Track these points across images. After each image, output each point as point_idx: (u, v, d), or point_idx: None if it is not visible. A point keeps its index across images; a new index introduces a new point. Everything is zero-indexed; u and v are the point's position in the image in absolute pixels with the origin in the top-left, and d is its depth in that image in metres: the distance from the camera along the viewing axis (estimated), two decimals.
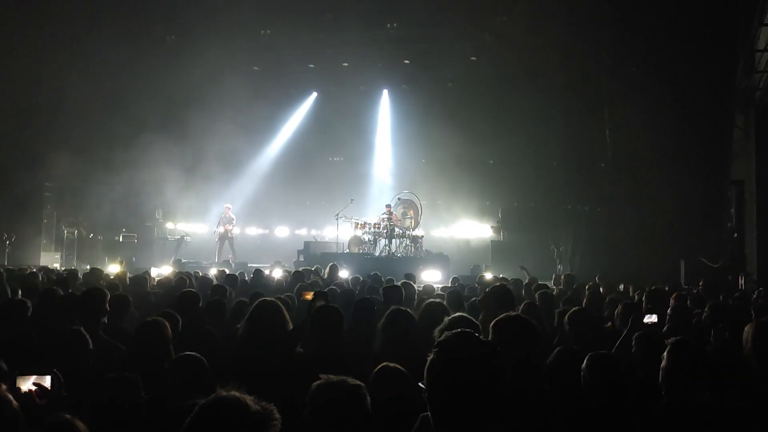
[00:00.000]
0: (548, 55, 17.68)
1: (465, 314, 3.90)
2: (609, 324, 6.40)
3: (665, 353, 3.42)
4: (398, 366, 3.37)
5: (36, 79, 17.82)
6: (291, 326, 4.37)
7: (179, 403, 3.13)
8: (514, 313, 3.22)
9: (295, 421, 2.84)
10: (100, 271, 10.81)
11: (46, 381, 2.86)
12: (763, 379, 3.94)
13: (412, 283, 8.59)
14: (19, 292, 7.13)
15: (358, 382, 2.64)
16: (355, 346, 4.63)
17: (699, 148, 14.85)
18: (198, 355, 3.70)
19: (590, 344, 4.38)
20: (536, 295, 6.72)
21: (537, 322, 5.15)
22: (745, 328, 4.28)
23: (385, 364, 3.39)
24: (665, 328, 5.46)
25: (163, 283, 9.68)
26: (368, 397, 2.60)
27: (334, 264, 11.85)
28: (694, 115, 14.64)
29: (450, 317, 3.72)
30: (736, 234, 14.49)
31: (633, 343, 4.24)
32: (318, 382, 2.62)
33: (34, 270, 11.12)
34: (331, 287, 7.94)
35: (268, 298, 4.55)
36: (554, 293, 8.01)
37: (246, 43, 19.54)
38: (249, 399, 1.92)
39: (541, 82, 18.02)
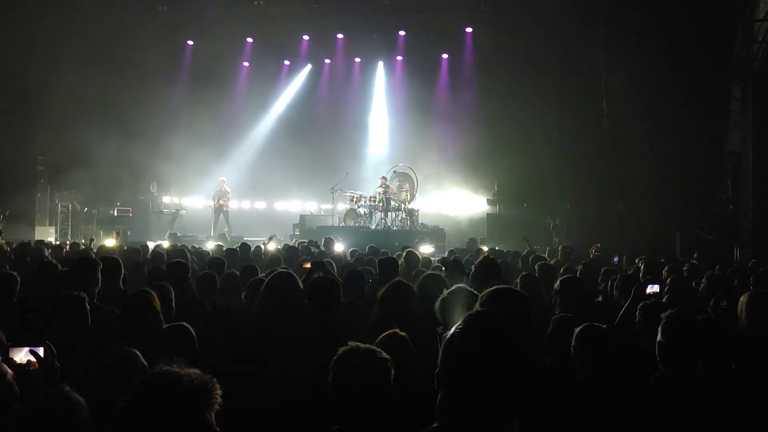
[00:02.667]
0: (545, 26, 17.52)
1: (467, 286, 3.83)
2: (599, 297, 6.40)
3: (660, 327, 3.42)
4: (404, 334, 3.33)
5: (27, 52, 17.59)
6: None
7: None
8: (504, 286, 3.17)
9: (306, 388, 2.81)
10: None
11: (39, 352, 2.85)
12: (757, 349, 3.97)
13: (415, 251, 8.58)
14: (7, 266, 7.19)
15: (386, 356, 2.58)
16: (350, 317, 4.64)
17: (696, 120, 14.80)
18: (185, 324, 3.68)
19: (580, 312, 4.39)
20: (535, 267, 6.70)
21: (536, 294, 5.17)
22: (740, 299, 4.33)
23: (393, 331, 3.35)
24: (665, 299, 5.47)
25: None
26: (392, 372, 2.55)
27: (329, 237, 11.86)
28: (692, 87, 14.56)
29: (450, 289, 3.65)
30: (731, 206, 14.49)
31: (637, 312, 4.25)
32: (346, 349, 2.58)
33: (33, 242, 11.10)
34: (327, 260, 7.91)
35: (283, 270, 4.54)
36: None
37: (240, 13, 19.29)
38: (189, 373, 1.91)
39: (537, 53, 17.87)
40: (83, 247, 11.77)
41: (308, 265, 6.02)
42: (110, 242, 11.52)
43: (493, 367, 1.78)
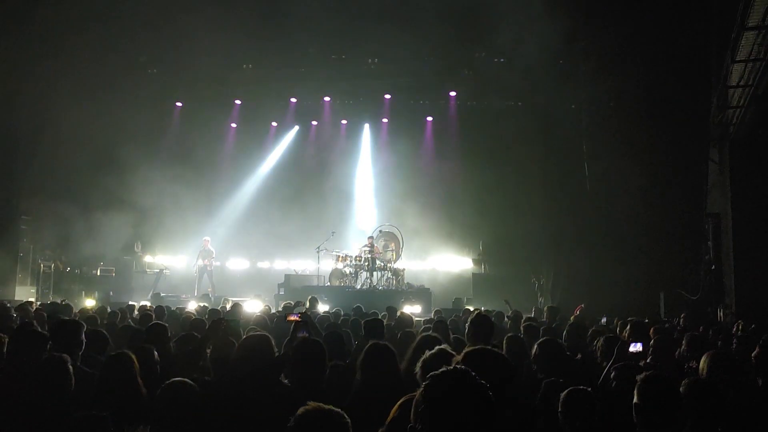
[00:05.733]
0: (527, 90, 17.98)
1: (447, 348, 3.79)
2: (579, 356, 6.35)
3: (635, 389, 3.39)
4: None
5: (14, 110, 17.67)
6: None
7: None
8: (483, 346, 3.17)
9: None
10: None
11: None
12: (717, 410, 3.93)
13: (407, 313, 8.53)
14: None
15: (342, 412, 2.63)
16: (333, 379, 4.57)
17: (676, 182, 15.10)
18: (188, 381, 3.66)
19: (557, 373, 4.36)
20: (522, 328, 6.69)
21: (522, 355, 5.14)
22: (702, 359, 4.30)
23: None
24: (648, 360, 5.46)
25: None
26: (350, 427, 2.60)
27: (313, 297, 11.80)
28: (671, 150, 14.91)
29: (430, 351, 3.61)
30: (713, 266, 14.63)
31: (611, 375, 4.21)
32: (304, 408, 2.61)
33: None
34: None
35: (257, 332, 4.53)
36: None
37: (228, 76, 19.65)
38: None
39: (520, 116, 18.28)
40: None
41: (293, 318, 5.91)
42: (90, 303, 11.39)
43: (460, 423, 1.82)
